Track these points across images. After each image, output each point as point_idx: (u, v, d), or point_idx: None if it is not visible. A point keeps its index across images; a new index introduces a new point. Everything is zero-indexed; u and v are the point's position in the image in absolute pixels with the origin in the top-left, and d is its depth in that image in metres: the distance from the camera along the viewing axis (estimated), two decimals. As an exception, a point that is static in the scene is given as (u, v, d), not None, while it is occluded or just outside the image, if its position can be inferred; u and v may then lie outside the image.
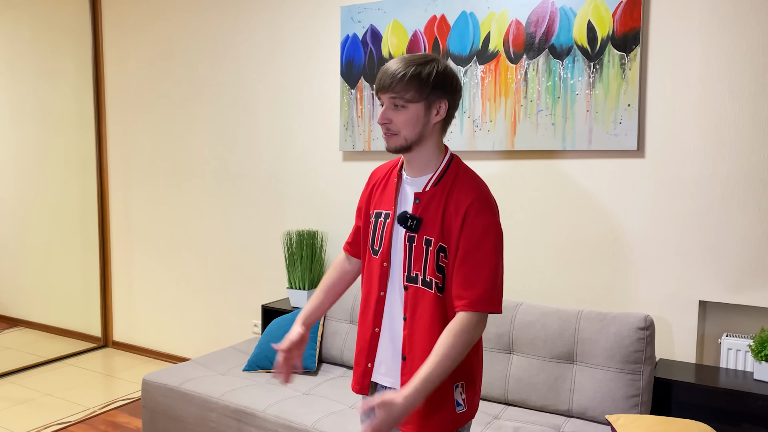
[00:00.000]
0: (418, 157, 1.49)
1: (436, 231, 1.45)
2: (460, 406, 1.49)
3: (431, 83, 1.42)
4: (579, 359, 2.35)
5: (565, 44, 2.62)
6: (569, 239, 2.68)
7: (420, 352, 1.47)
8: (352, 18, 3.11)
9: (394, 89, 1.41)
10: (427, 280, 1.46)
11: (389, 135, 1.46)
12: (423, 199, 1.48)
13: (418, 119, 1.43)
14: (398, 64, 1.43)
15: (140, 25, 3.99)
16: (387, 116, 1.45)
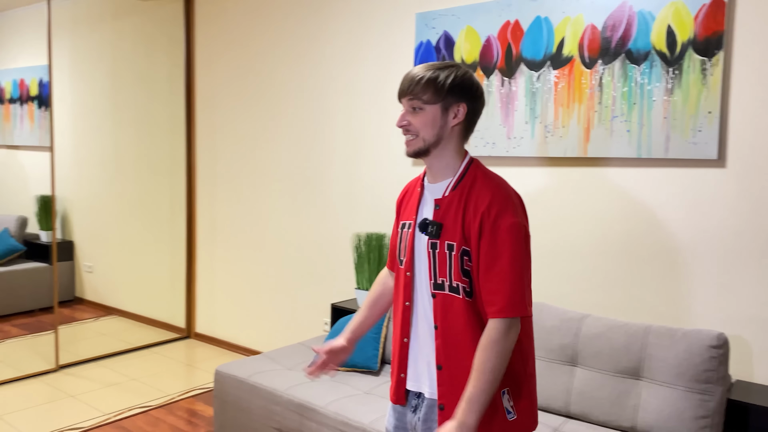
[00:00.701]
0: (437, 161, 1.50)
1: (457, 235, 1.44)
2: (510, 413, 1.47)
3: (448, 86, 1.44)
4: (645, 375, 2.26)
5: (642, 49, 2.53)
6: (641, 250, 2.58)
7: (457, 361, 1.46)
8: (426, 24, 3.14)
9: (412, 92, 1.45)
10: (454, 286, 1.45)
11: (408, 138, 1.49)
12: (443, 205, 1.48)
13: (435, 121, 1.46)
14: (418, 69, 1.47)
15: (228, 35, 4.20)
16: (405, 118, 1.48)
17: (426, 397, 1.54)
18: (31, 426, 3.09)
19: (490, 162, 3.01)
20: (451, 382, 1.47)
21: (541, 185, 2.85)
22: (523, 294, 1.40)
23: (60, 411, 3.28)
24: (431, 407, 1.52)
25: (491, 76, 2.94)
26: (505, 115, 2.91)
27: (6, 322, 4.68)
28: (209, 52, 4.35)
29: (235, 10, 4.14)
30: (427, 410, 1.53)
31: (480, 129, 2.99)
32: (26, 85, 5.06)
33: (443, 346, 1.47)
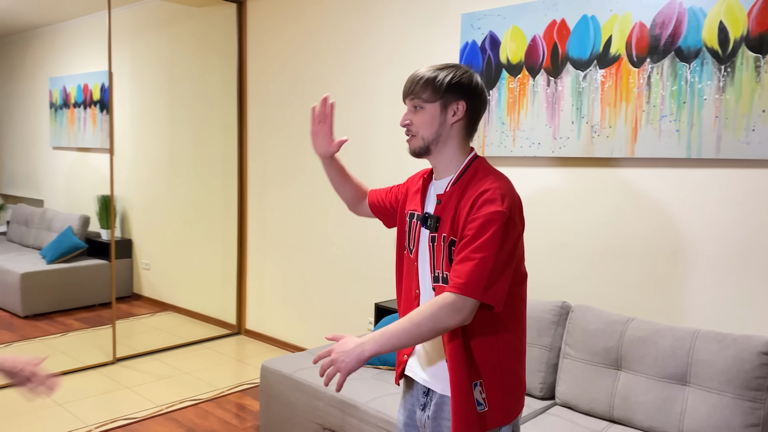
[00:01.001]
0: (439, 159, 1.54)
1: (447, 226, 1.48)
2: (481, 405, 1.47)
3: (446, 84, 1.48)
4: (692, 381, 2.20)
5: (693, 46, 2.47)
6: (690, 253, 2.51)
7: (446, 351, 1.50)
8: (471, 25, 3.14)
9: (412, 91, 1.50)
10: (445, 276, 1.48)
11: (410, 137, 1.53)
12: (443, 200, 1.52)
13: (434, 119, 1.50)
14: (421, 70, 1.52)
15: (278, 39, 4.29)
16: (407, 118, 1.53)
17: (437, 393, 1.55)
18: (89, 414, 3.24)
19: (536, 162, 2.98)
20: (452, 373, 1.49)
21: (587, 186, 2.81)
22: (483, 281, 1.37)
23: (116, 401, 3.42)
24: (440, 405, 1.54)
25: (537, 76, 2.92)
26: (550, 115, 2.88)
27: (68, 316, 4.91)
28: (260, 55, 4.46)
29: (284, 15, 4.23)
30: (436, 408, 1.55)
31: (525, 129, 2.97)
32: (89, 89, 5.30)
33: (444, 337, 1.51)
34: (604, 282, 2.76)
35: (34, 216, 5.62)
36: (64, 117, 5.49)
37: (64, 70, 5.43)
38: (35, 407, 3.31)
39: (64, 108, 5.48)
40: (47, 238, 5.43)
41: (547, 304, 2.64)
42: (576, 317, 2.53)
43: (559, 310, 2.61)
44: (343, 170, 1.80)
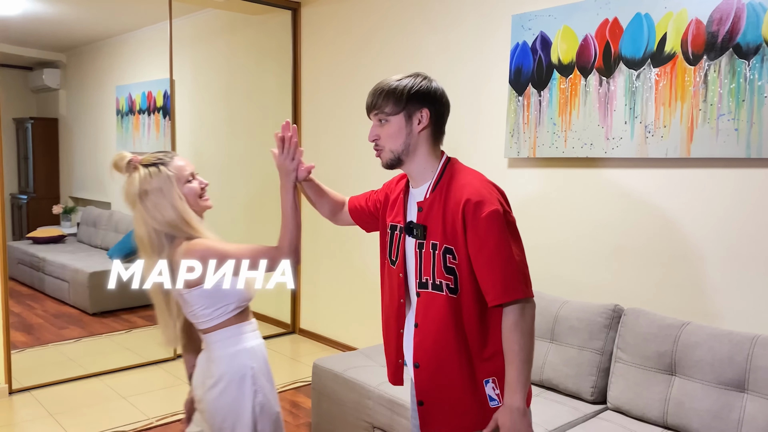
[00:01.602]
0: (413, 168, 1.55)
1: (439, 234, 1.48)
2: (494, 400, 1.50)
3: (407, 94, 1.48)
4: (751, 388, 2.13)
5: (752, 42, 2.39)
6: (751, 255, 2.43)
7: (436, 357, 1.49)
8: (522, 26, 3.12)
9: (375, 105, 1.51)
10: (437, 283, 1.48)
11: (378, 151, 1.54)
12: (425, 207, 1.52)
13: (400, 131, 1.50)
14: (381, 83, 1.52)
15: (331, 45, 4.37)
16: (375, 133, 1.53)
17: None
18: (151, 408, 3.38)
19: (588, 163, 2.94)
20: (429, 378, 1.51)
21: (642, 187, 2.75)
22: (515, 277, 1.41)
23: (176, 396, 3.56)
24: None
25: (589, 76, 2.88)
26: (603, 115, 2.84)
27: (132, 314, 5.13)
28: (314, 61, 4.55)
29: (337, 21, 4.31)
30: None
31: (577, 130, 2.93)
32: (153, 97, 5.53)
33: (421, 344, 1.52)
34: (657, 285, 2.70)
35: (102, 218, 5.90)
36: (130, 123, 5.74)
37: (130, 78, 5.68)
38: (101, 400, 3.48)
39: (130, 114, 5.73)
40: (114, 239, 5.70)
41: (598, 307, 2.60)
42: (628, 321, 2.49)
43: (611, 313, 2.57)
44: (318, 188, 1.82)
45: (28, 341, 4.46)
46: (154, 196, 1.66)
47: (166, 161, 1.72)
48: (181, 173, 1.72)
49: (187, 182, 1.74)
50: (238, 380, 1.69)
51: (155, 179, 1.67)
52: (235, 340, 1.72)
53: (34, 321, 4.90)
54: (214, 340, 1.72)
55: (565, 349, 2.62)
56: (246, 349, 1.73)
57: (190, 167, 1.76)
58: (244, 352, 1.72)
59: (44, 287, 5.65)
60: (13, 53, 6.12)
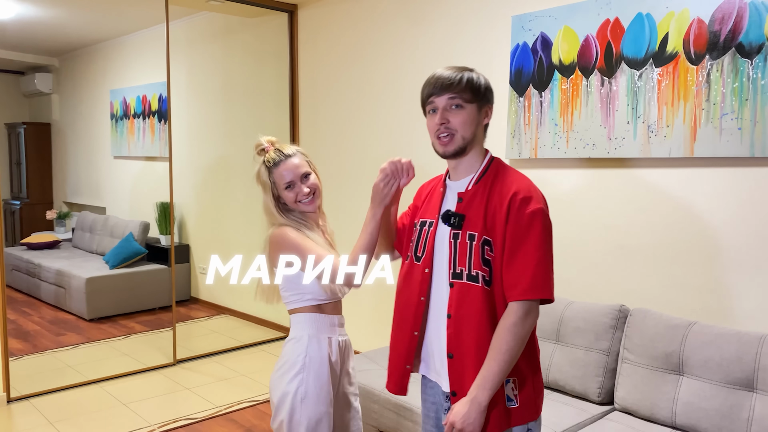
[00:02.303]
0: (466, 159, 1.55)
1: (479, 225, 1.48)
2: (512, 401, 1.50)
3: (483, 87, 1.52)
4: (760, 387, 2.12)
5: (755, 42, 2.39)
6: (754, 254, 2.43)
7: (469, 349, 1.48)
8: (522, 27, 3.12)
9: (454, 89, 1.49)
10: (473, 274, 1.47)
11: (447, 136, 1.51)
12: (466, 198, 1.53)
13: (472, 120, 1.51)
14: (450, 71, 1.51)
15: (329, 47, 4.36)
16: (445, 117, 1.51)
17: (435, 381, 1.59)
18: (152, 414, 3.35)
19: (590, 164, 2.94)
20: (462, 370, 1.50)
21: (645, 187, 2.75)
22: (546, 278, 1.44)
23: (177, 402, 3.53)
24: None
25: (590, 76, 2.88)
26: (605, 115, 2.84)
27: (130, 319, 5.09)
28: (312, 63, 4.54)
29: (335, 23, 4.29)
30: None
31: (579, 130, 2.93)
32: (148, 100, 5.49)
33: (455, 335, 1.50)
34: (663, 285, 2.70)
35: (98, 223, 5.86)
36: (124, 127, 5.70)
37: (124, 82, 5.64)
38: (101, 407, 3.45)
39: (124, 119, 5.69)
40: (110, 244, 5.65)
41: (604, 307, 2.60)
42: (635, 321, 2.49)
43: (617, 313, 2.57)
44: (394, 216, 1.80)
45: (25, 348, 4.41)
46: (261, 188, 1.95)
47: (275, 165, 1.91)
48: (281, 182, 1.89)
49: (286, 189, 1.89)
50: (290, 364, 1.84)
51: (262, 176, 1.93)
52: (305, 327, 1.87)
53: (31, 328, 4.85)
54: (292, 322, 1.93)
55: (571, 350, 2.61)
56: (312, 338, 1.86)
57: (291, 175, 1.89)
58: (309, 341, 1.86)
59: (40, 294, 5.60)
60: (5, 58, 6.07)
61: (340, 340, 1.93)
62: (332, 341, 1.90)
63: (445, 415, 1.60)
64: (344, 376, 1.96)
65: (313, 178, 1.94)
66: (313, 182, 1.92)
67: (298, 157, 1.93)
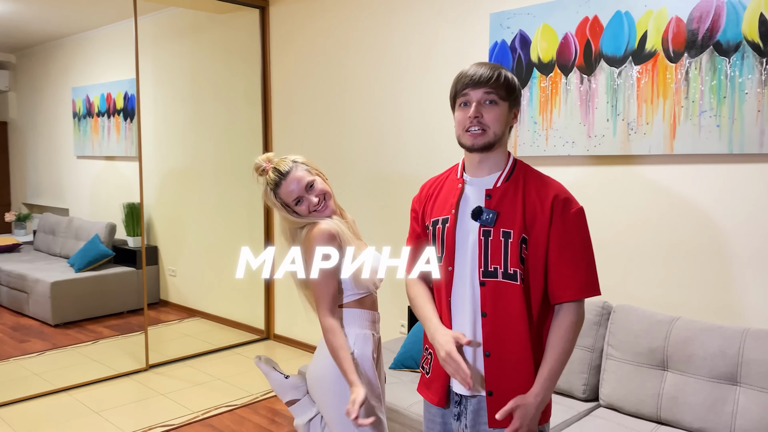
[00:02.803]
0: (492, 156, 1.54)
1: (517, 224, 1.47)
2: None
3: (516, 87, 1.52)
4: (743, 381, 2.16)
5: (732, 40, 2.43)
6: (736, 250, 2.47)
7: (508, 347, 1.47)
8: (500, 24, 3.12)
9: (491, 84, 1.47)
10: (510, 272, 1.46)
11: (479, 130, 1.49)
12: (495, 195, 1.51)
13: (504, 118, 1.51)
14: (485, 67, 1.50)
15: (302, 42, 4.29)
16: (479, 110, 1.49)
17: (469, 398, 1.53)
18: (126, 422, 3.25)
19: (570, 161, 2.95)
20: (500, 368, 1.49)
21: (625, 184, 2.77)
22: (595, 275, 1.49)
23: (152, 408, 3.43)
24: (476, 411, 1.52)
25: (569, 74, 2.89)
26: (584, 113, 2.85)
27: (98, 324, 4.94)
28: (284, 60, 4.46)
29: (308, 19, 4.23)
30: (474, 415, 1.53)
31: (558, 128, 2.94)
32: (113, 98, 5.33)
33: (492, 334, 1.48)
34: (644, 281, 2.72)
35: (61, 225, 5.67)
36: (88, 126, 5.53)
37: (87, 80, 5.47)
38: (72, 416, 3.33)
39: (88, 117, 5.52)
40: (74, 247, 5.47)
41: (587, 304, 2.61)
42: (618, 318, 2.50)
43: (600, 310, 2.58)
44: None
45: (-12, 357, 4.25)
46: (273, 208, 1.92)
47: (277, 186, 1.87)
48: (288, 199, 1.88)
49: (296, 204, 1.88)
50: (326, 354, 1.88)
51: (269, 198, 1.91)
52: (345, 322, 1.89)
53: (-8, 335, 4.67)
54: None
55: (556, 347, 2.62)
56: (349, 333, 1.89)
57: (296, 191, 1.87)
58: (356, 338, 1.89)
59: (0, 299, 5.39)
60: (-41, 54, 5.83)
61: (378, 337, 1.97)
62: (374, 338, 1.93)
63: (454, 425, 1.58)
64: (381, 374, 1.98)
65: (319, 183, 1.91)
66: (320, 189, 1.90)
67: (297, 169, 1.89)
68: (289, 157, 1.93)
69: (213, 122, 5.10)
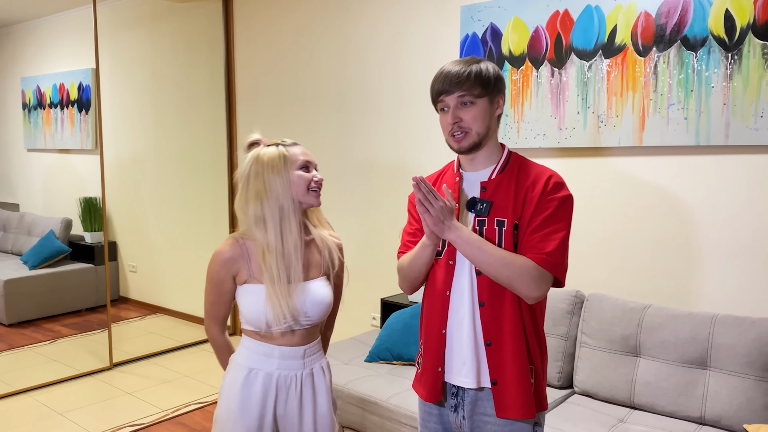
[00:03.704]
0: (484, 152, 1.55)
1: (509, 211, 1.49)
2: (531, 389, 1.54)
3: (492, 79, 1.50)
4: (713, 365, 2.24)
5: (699, 35, 2.50)
6: (703, 239, 2.56)
7: (506, 335, 1.49)
8: (472, 17, 3.13)
9: (462, 87, 1.48)
10: None
11: (461, 134, 1.50)
12: (490, 186, 1.53)
13: (485, 114, 1.51)
14: (457, 66, 1.50)
15: (268, 32, 4.23)
16: (457, 114, 1.50)
17: (466, 389, 1.54)
18: (93, 422, 3.15)
19: (542, 153, 2.99)
20: (502, 356, 1.49)
21: (595, 176, 2.83)
22: (563, 259, 1.47)
23: (119, 408, 3.35)
24: (474, 402, 1.53)
25: (540, 67, 2.92)
26: (555, 106, 2.90)
27: (55, 322, 4.78)
28: (249, 50, 4.39)
29: (275, 7, 4.16)
30: (471, 406, 1.54)
31: (530, 121, 2.98)
32: (66, 89, 5.15)
33: (491, 322, 1.50)
34: (615, 270, 2.79)
35: (12, 221, 5.45)
36: (39, 118, 5.32)
37: (38, 70, 5.25)
38: (35, 418, 3.21)
39: (39, 108, 5.31)
40: (27, 243, 5.27)
41: (560, 293, 2.66)
42: (591, 306, 2.56)
43: (573, 299, 2.63)
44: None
45: (-61, 359, 4.06)
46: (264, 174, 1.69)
47: (291, 145, 1.73)
48: (295, 159, 1.71)
49: (301, 168, 1.71)
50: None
51: (267, 158, 1.70)
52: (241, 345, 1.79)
53: (-58, 336, 4.47)
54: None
55: (531, 336, 2.66)
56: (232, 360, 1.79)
57: (306, 156, 1.73)
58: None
59: (-52, 299, 5.16)
60: None
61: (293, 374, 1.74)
62: (268, 376, 1.73)
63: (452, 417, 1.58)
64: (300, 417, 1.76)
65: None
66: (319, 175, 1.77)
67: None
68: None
69: (174, 114, 4.98)
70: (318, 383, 1.77)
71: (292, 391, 1.72)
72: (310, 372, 1.75)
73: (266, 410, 1.70)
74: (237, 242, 1.70)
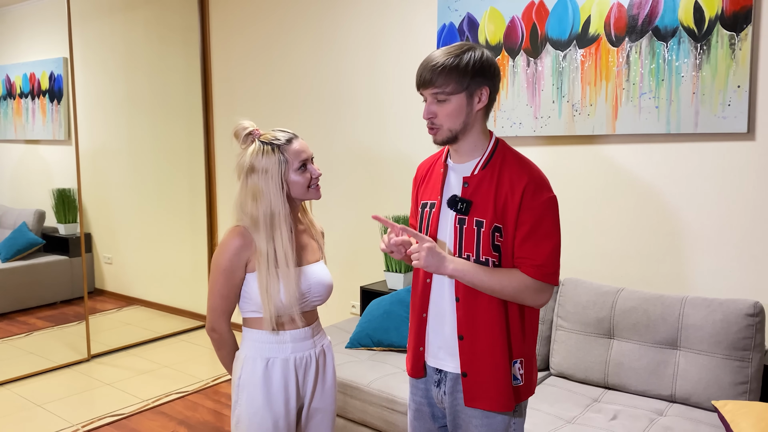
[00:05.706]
0: (464, 145, 1.52)
1: (489, 212, 1.48)
2: (517, 380, 1.55)
3: (470, 72, 1.43)
4: (683, 345, 2.32)
5: (669, 26, 2.57)
6: (674, 224, 2.64)
7: (480, 331, 1.51)
8: (448, 7, 3.16)
9: (434, 83, 1.44)
10: (482, 260, 1.49)
11: (434, 130, 1.49)
12: (472, 183, 1.51)
13: (460, 110, 1.46)
14: (437, 56, 1.45)
15: (244, 21, 4.21)
16: (431, 111, 1.48)
17: (449, 372, 1.59)
18: (72, 413, 3.15)
19: (518, 142, 3.05)
20: (473, 351, 1.53)
21: (570, 163, 2.90)
22: (555, 264, 1.48)
23: (99, 399, 3.34)
24: (456, 380, 1.58)
25: (516, 57, 2.97)
26: (531, 95, 2.95)
27: (30, 315, 4.73)
28: (226, 39, 4.36)
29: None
30: (452, 384, 1.59)
31: (506, 110, 3.03)
32: (37, 78, 5.06)
33: (465, 318, 1.52)
34: (590, 256, 2.87)
35: (-19, 213, 5.35)
36: (9, 108, 5.23)
37: (7, 59, 5.15)
38: (14, 410, 3.19)
39: (8, 99, 5.22)
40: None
41: (537, 279, 2.72)
42: (567, 290, 2.63)
43: (549, 284, 2.70)
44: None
45: None
46: (256, 175, 1.68)
47: (288, 143, 1.70)
48: (295, 160, 1.70)
49: (299, 169, 1.71)
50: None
51: (264, 159, 1.67)
52: (243, 337, 1.83)
53: None
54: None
55: (508, 321, 2.72)
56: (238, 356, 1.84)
57: (305, 153, 1.72)
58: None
59: None
60: None
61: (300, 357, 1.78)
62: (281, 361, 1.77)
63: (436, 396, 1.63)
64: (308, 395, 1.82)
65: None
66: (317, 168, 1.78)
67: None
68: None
69: (149, 103, 4.93)
70: (328, 360, 1.85)
71: (310, 371, 1.78)
72: (321, 350, 1.83)
73: (289, 395, 1.75)
74: (243, 231, 1.73)
